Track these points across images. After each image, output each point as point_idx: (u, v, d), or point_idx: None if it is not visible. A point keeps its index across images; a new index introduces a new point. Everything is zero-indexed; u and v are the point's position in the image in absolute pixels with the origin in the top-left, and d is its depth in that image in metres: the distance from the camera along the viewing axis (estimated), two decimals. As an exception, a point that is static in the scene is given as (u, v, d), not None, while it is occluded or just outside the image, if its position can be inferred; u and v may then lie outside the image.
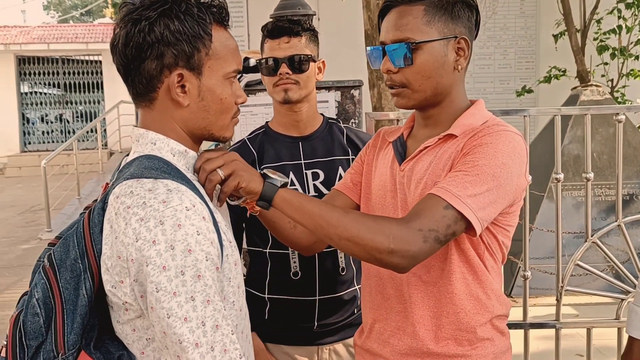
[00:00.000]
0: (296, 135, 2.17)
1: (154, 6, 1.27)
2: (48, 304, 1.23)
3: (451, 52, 1.54)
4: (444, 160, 1.52)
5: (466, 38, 1.55)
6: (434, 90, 1.55)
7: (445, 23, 1.53)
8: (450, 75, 1.55)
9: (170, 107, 1.33)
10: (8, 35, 17.33)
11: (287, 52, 2.06)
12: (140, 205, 1.18)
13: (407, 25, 1.53)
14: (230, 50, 1.35)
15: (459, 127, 1.54)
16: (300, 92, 2.08)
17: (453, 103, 1.59)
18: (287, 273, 2.12)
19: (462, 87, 1.62)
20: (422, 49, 1.51)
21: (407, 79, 1.54)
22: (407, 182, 1.57)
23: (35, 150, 17.36)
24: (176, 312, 1.15)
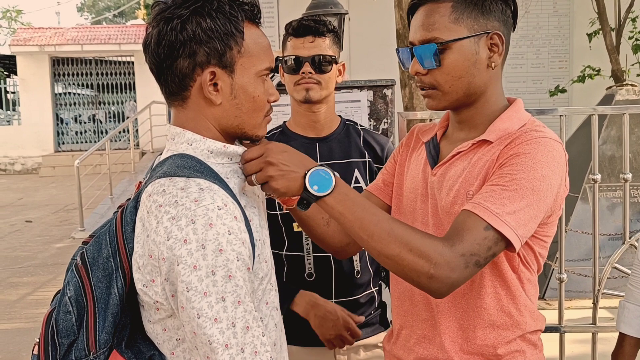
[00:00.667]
0: (313, 137, 2.16)
1: (186, 4, 1.26)
2: (80, 302, 1.23)
3: (483, 49, 1.45)
4: (477, 169, 1.44)
5: (500, 33, 1.45)
6: (466, 91, 1.46)
7: (476, 19, 1.44)
8: (483, 73, 1.46)
9: (203, 105, 1.32)
10: (43, 36, 17.62)
11: (311, 51, 2.05)
12: (172, 204, 1.18)
13: (434, 24, 1.45)
14: (262, 48, 1.34)
15: (495, 133, 1.46)
16: (321, 92, 2.07)
17: (488, 103, 1.50)
18: (302, 274, 2.11)
19: (499, 85, 1.52)
20: (451, 49, 1.43)
21: (436, 80, 1.47)
22: (438, 187, 1.50)
23: (69, 150, 17.64)
24: (206, 312, 1.14)
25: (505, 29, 1.48)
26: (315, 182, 1.34)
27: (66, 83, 18.56)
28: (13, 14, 30.80)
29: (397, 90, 2.99)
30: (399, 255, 1.30)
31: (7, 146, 17.46)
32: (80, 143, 18.22)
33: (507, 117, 1.48)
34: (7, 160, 17.63)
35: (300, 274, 2.11)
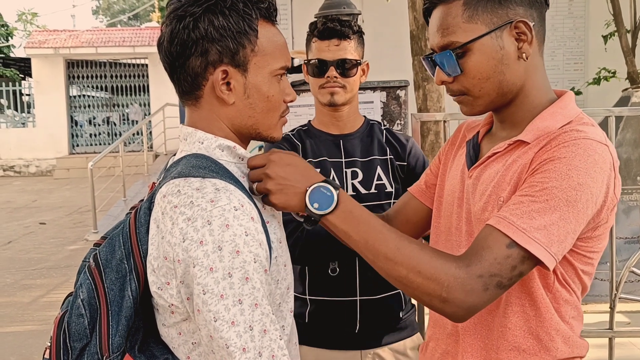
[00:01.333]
0: (337, 134, 2.16)
1: (200, 2, 1.24)
2: (93, 305, 1.21)
3: (509, 41, 1.31)
4: (510, 173, 1.30)
5: (524, 20, 1.30)
6: (499, 91, 1.34)
7: (493, 11, 1.30)
8: (515, 68, 1.32)
9: (216, 105, 1.30)
10: (58, 39, 17.73)
11: (336, 55, 2.04)
12: (188, 205, 1.16)
13: (448, 27, 1.33)
14: (277, 47, 1.31)
15: (532, 132, 1.32)
16: (346, 95, 2.07)
17: (528, 98, 1.36)
18: (326, 270, 2.09)
19: (539, 76, 1.37)
20: (471, 50, 1.31)
21: (464, 86, 1.35)
22: (472, 191, 1.40)
23: (83, 153, 17.73)
24: (223, 315, 1.12)
25: (535, 10, 1.33)
26: (315, 199, 1.27)
27: (81, 85, 18.64)
28: (29, 17, 31.05)
29: (410, 92, 2.97)
30: (407, 278, 1.22)
31: (21, 148, 17.56)
32: (94, 145, 18.30)
33: (549, 114, 1.33)
34: (21, 162, 17.74)
35: (324, 269, 2.09)
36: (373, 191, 2.09)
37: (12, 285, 7.06)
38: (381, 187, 2.10)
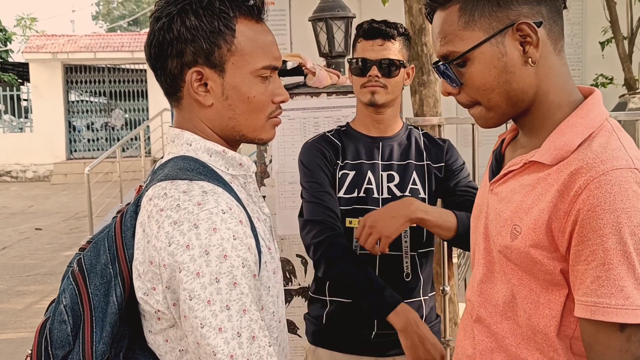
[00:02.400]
0: (376, 136, 2.16)
1: (176, 2, 1.22)
2: (76, 311, 1.18)
3: (512, 46, 1.17)
4: (530, 201, 1.18)
5: (527, 21, 1.15)
6: (508, 101, 1.20)
7: (491, 14, 1.17)
8: (522, 75, 1.18)
9: (195, 107, 1.28)
10: (56, 44, 17.70)
11: (379, 54, 2.04)
12: (174, 208, 1.13)
13: (445, 36, 1.22)
14: (259, 45, 1.27)
15: (549, 152, 1.17)
16: (387, 96, 2.06)
17: (544, 105, 1.21)
18: None
19: (557, 78, 1.21)
20: (471, 60, 1.19)
21: (471, 97, 1.24)
22: (491, 207, 1.29)
23: (81, 158, 17.67)
24: (210, 321, 1.09)
25: (544, 5, 1.18)
26: None
27: (79, 90, 18.61)
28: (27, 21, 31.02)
29: (406, 97, 2.95)
30: None
31: (19, 153, 17.50)
32: (92, 151, 18.25)
33: (568, 127, 1.17)
34: (18, 167, 17.68)
35: None
36: (407, 194, 2.08)
37: (6, 291, 7.02)
38: (415, 192, 2.10)
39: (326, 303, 2.13)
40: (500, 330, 1.27)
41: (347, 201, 2.09)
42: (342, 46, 3.02)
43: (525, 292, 1.21)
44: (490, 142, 4.35)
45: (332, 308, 2.12)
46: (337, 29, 2.96)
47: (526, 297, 1.21)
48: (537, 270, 1.17)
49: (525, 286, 1.21)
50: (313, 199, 2.08)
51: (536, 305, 1.20)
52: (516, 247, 1.19)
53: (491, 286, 1.30)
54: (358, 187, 2.09)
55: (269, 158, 2.82)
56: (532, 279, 1.19)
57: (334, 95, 2.76)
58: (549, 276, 1.17)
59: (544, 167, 1.18)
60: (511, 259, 1.21)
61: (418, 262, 2.11)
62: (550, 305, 1.18)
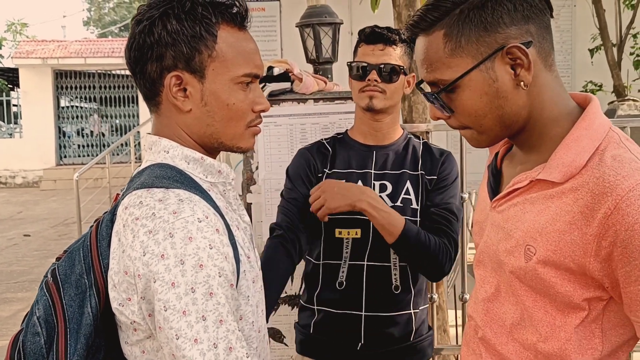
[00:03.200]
0: (372, 144, 2.12)
1: (158, 6, 1.21)
2: (50, 323, 1.16)
3: (502, 70, 1.13)
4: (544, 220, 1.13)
5: (516, 44, 1.11)
6: (501, 125, 1.17)
7: (479, 39, 1.12)
8: (515, 98, 1.14)
9: (174, 112, 1.26)
10: (46, 49, 17.65)
11: (379, 59, 2.01)
12: (150, 217, 1.11)
13: (431, 64, 1.17)
14: (241, 53, 1.25)
15: (558, 169, 1.12)
16: (385, 102, 2.03)
17: (540, 121, 1.18)
18: (334, 283, 2.05)
19: (551, 93, 1.17)
20: (460, 88, 1.15)
21: (462, 122, 1.20)
22: (495, 226, 1.25)
23: (71, 164, 17.60)
24: (186, 332, 1.06)
25: (532, 23, 1.14)
26: None
27: (69, 96, 18.55)
28: (18, 27, 30.92)
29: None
30: None
31: (8, 159, 17.42)
32: (82, 157, 18.19)
33: (574, 141, 1.13)
34: (7, 173, 17.59)
35: (332, 282, 2.06)
36: (399, 204, 2.04)
37: (-7, 298, 6.96)
38: (407, 202, 2.05)
39: (314, 312, 2.11)
40: (506, 352, 1.23)
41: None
42: (330, 52, 3.00)
43: (540, 314, 1.17)
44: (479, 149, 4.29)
45: (319, 317, 2.10)
46: (325, 34, 2.94)
47: (542, 320, 1.17)
48: (553, 292, 1.14)
49: (540, 308, 1.17)
50: (283, 210, 2.09)
51: (552, 328, 1.16)
52: (531, 268, 1.14)
53: (498, 306, 1.26)
54: None
55: (256, 165, 2.79)
56: (547, 300, 1.16)
57: (321, 102, 2.74)
58: (567, 299, 1.13)
59: (553, 184, 1.14)
60: (525, 280, 1.17)
61: (410, 274, 2.06)
62: (566, 327, 1.14)
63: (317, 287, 2.10)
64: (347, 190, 1.92)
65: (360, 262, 2.02)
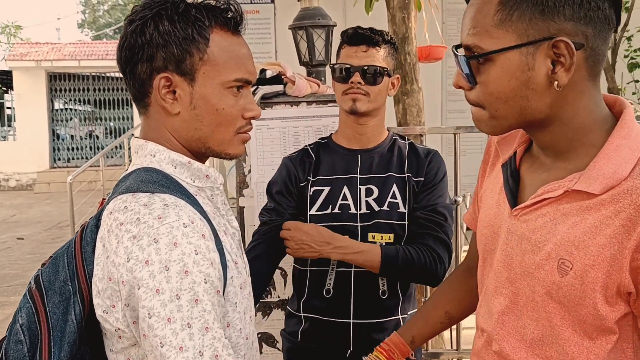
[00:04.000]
0: (356, 148, 2.08)
1: (152, 6, 1.19)
2: (33, 330, 1.13)
3: (542, 61, 1.05)
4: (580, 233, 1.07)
5: (566, 40, 1.03)
6: (520, 117, 1.11)
7: (531, 20, 1.04)
8: (544, 95, 1.07)
9: (162, 114, 1.24)
10: (40, 52, 17.60)
11: (362, 61, 1.97)
12: (134, 222, 1.09)
13: (475, 26, 1.09)
14: (233, 57, 1.24)
15: (598, 180, 1.06)
16: (369, 104, 1.99)
17: (569, 127, 1.11)
18: (322, 290, 2.02)
19: (587, 103, 1.10)
20: (493, 62, 1.08)
21: (480, 99, 1.13)
22: (518, 237, 1.17)
23: (65, 166, 17.54)
24: (170, 340, 1.04)
25: (591, 27, 1.05)
26: None
27: (64, 99, 18.49)
28: (12, 29, 30.86)
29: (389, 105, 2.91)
30: None
31: (2, 162, 17.34)
32: (76, 159, 18.13)
33: (614, 150, 1.07)
34: (1, 176, 17.52)
35: (319, 289, 2.03)
36: (385, 208, 2.00)
37: (-15, 302, 6.91)
38: (394, 206, 2.01)
39: (301, 319, 2.08)
40: None
41: (320, 218, 2.02)
42: (323, 55, 2.98)
43: (568, 333, 1.12)
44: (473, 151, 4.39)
45: (307, 325, 2.07)
46: (318, 37, 2.92)
47: (569, 339, 1.12)
48: (586, 313, 1.08)
49: (569, 328, 1.11)
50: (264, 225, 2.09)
51: (581, 349, 1.11)
52: (568, 284, 1.08)
53: (514, 319, 1.20)
54: (332, 204, 2.03)
55: (248, 168, 2.77)
56: (577, 322, 1.10)
57: (314, 105, 2.72)
58: (599, 321, 1.08)
59: (589, 195, 1.07)
60: (557, 296, 1.11)
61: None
62: (596, 350, 1.10)
63: (304, 294, 2.08)
64: (314, 242, 1.91)
65: (347, 268, 2.00)
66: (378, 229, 2.00)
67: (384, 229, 2.00)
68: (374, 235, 1.99)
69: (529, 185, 1.20)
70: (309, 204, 2.05)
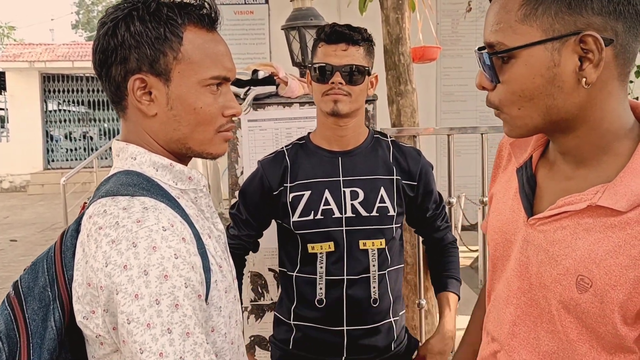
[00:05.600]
0: (337, 150, 2.01)
1: (123, 7, 1.18)
2: (12, 338, 1.11)
3: (568, 58, 1.00)
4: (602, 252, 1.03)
5: (594, 34, 0.98)
6: (545, 117, 1.06)
7: (557, 14, 1.00)
8: (572, 93, 1.02)
9: (140, 116, 1.22)
10: (33, 52, 17.53)
11: (342, 60, 1.90)
12: (113, 226, 1.07)
13: (499, 22, 1.05)
14: (209, 55, 1.21)
15: (625, 197, 1.01)
16: (350, 105, 1.92)
17: (597, 131, 1.06)
18: (313, 300, 1.98)
19: (614, 105, 1.05)
20: (516, 59, 1.04)
21: (500, 100, 1.09)
22: (535, 248, 1.13)
23: (59, 168, 17.48)
24: (150, 346, 1.01)
25: (622, 22, 1.00)
26: None
27: (57, 100, 18.42)
28: (6, 30, 30.78)
29: (381, 106, 2.89)
30: None
31: (-5, 163, 17.30)
32: (71, 161, 18.05)
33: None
34: (-5, 177, 17.47)
35: (311, 298, 1.98)
36: (374, 214, 1.96)
37: (-22, 304, 6.86)
38: (384, 210, 1.97)
39: (292, 327, 2.04)
40: None
41: (304, 225, 1.97)
42: (316, 55, 2.95)
43: (585, 348, 1.08)
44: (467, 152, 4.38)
45: (299, 334, 2.03)
46: (311, 37, 2.90)
47: (586, 354, 1.08)
48: (604, 331, 1.05)
49: (586, 342, 1.08)
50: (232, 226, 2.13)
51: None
52: (586, 301, 1.04)
53: (527, 330, 1.17)
54: (314, 209, 1.96)
55: (240, 169, 2.74)
56: (595, 337, 1.07)
57: (307, 106, 2.70)
58: (618, 340, 1.05)
59: (614, 212, 1.02)
60: (574, 312, 1.07)
61: (388, 281, 2.01)
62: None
63: (294, 301, 2.03)
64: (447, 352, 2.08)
65: (338, 276, 1.96)
66: (369, 236, 1.96)
67: (376, 235, 1.97)
68: (365, 243, 1.96)
69: (546, 193, 1.15)
70: (290, 211, 1.99)
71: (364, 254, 1.95)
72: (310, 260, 1.98)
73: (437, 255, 2.21)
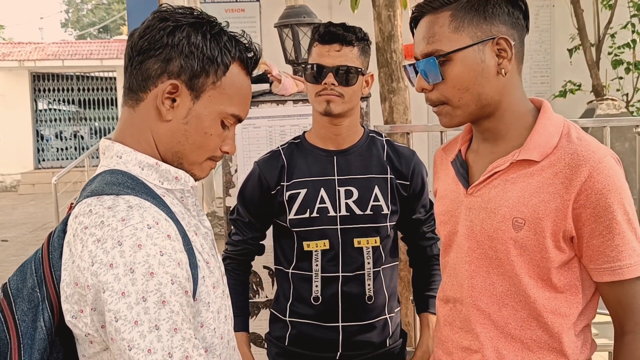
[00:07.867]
0: (332, 149, 2.02)
1: (188, 15, 1.21)
2: (3, 339, 1.12)
3: (490, 56, 1.36)
4: (528, 195, 1.36)
5: (506, 37, 1.36)
6: (478, 103, 1.39)
7: (478, 25, 1.36)
8: (494, 82, 1.38)
9: (152, 116, 1.23)
10: (23, 51, 17.45)
11: (336, 61, 1.90)
12: (98, 225, 1.08)
13: (434, 35, 1.38)
14: (239, 94, 1.26)
15: (536, 149, 1.37)
16: (343, 105, 1.92)
17: (509, 112, 1.42)
18: (309, 297, 1.99)
19: (517, 92, 1.42)
20: (453, 60, 1.36)
21: (444, 95, 1.40)
22: (476, 209, 1.43)
23: (50, 167, 17.41)
24: (138, 343, 1.03)
25: (516, 31, 1.39)
26: None
27: (47, 99, 18.34)
28: (-6, 29, 30.56)
29: (373, 104, 2.90)
30: None
31: (-15, 163, 17.20)
32: (61, 160, 17.99)
33: (543, 128, 1.39)
34: (-15, 177, 17.37)
35: (306, 295, 2.00)
36: (368, 212, 1.97)
37: (-31, 304, 6.82)
38: (377, 209, 1.98)
39: (287, 324, 2.05)
40: (500, 318, 1.40)
41: (300, 223, 1.99)
42: (309, 53, 2.96)
43: (527, 279, 1.37)
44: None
45: (295, 330, 2.04)
46: (304, 35, 2.91)
47: (528, 284, 1.37)
48: (539, 258, 1.35)
49: (526, 274, 1.37)
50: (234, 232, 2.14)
51: (539, 290, 1.37)
52: (523, 237, 1.35)
53: (483, 280, 1.43)
54: (310, 208, 1.98)
55: (234, 168, 2.75)
56: (532, 266, 1.36)
57: (300, 103, 2.70)
58: (550, 263, 1.35)
59: (531, 163, 1.37)
60: (516, 249, 1.36)
61: (383, 278, 2.03)
62: (549, 290, 1.37)
63: (290, 298, 2.05)
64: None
65: (334, 273, 1.97)
66: (364, 234, 1.98)
67: (370, 233, 1.98)
68: (360, 241, 1.98)
69: (477, 170, 1.48)
70: (287, 209, 2.01)
71: (359, 252, 1.96)
72: (305, 257, 1.99)
73: (420, 269, 2.20)
